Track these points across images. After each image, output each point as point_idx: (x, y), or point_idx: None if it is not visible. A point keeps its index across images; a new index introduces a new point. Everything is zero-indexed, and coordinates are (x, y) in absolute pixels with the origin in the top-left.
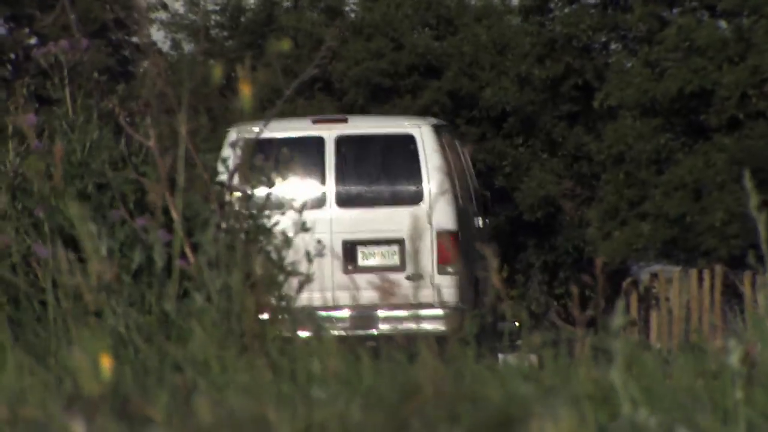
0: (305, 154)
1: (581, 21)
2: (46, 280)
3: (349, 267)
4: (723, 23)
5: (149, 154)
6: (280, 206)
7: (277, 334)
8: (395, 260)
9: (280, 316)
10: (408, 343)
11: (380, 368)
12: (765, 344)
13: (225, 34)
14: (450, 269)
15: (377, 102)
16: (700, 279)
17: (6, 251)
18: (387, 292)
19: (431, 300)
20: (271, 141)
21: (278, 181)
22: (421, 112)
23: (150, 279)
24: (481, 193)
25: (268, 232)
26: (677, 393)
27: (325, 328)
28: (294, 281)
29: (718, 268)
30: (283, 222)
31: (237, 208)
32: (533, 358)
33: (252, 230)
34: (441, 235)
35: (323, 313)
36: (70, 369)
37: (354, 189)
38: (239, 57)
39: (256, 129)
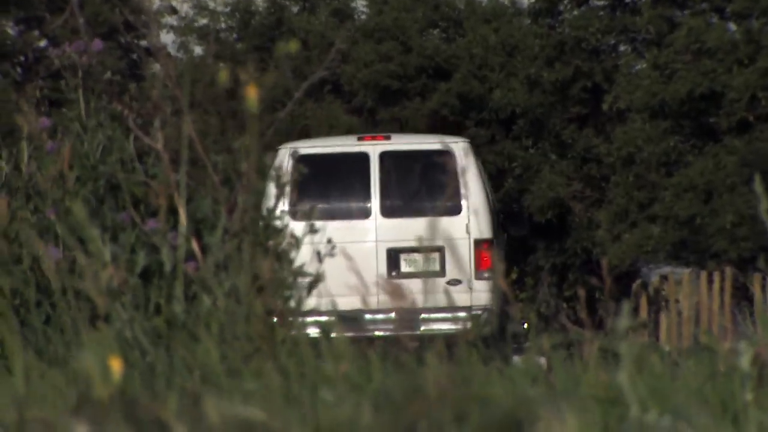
0: (351, 169)
1: (590, 23)
2: (56, 283)
3: (393, 273)
4: (733, 25)
5: (159, 156)
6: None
7: (286, 336)
8: (436, 266)
9: (290, 319)
10: (420, 345)
11: (389, 370)
12: None
13: (234, 36)
14: (486, 275)
15: (386, 104)
16: (710, 281)
17: (17, 254)
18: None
19: (468, 303)
20: (319, 156)
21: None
22: (431, 115)
23: (159, 282)
24: (498, 210)
25: (277, 233)
26: (686, 395)
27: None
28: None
29: (728, 270)
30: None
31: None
32: (542, 360)
33: (261, 232)
34: (478, 243)
35: (369, 316)
36: (80, 372)
37: (397, 200)
38: (248, 59)
39: (305, 147)
